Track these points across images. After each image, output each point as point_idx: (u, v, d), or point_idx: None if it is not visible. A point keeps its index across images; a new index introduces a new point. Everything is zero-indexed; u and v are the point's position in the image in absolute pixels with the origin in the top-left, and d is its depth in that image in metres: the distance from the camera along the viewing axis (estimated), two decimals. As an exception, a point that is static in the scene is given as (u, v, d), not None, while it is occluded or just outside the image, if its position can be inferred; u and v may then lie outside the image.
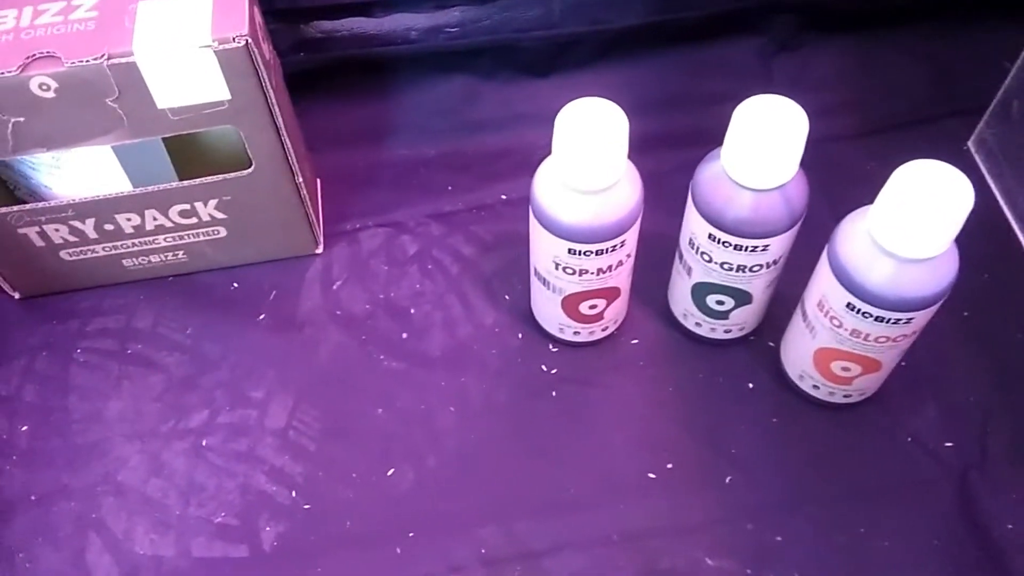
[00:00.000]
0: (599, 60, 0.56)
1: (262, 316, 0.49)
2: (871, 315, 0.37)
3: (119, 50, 0.38)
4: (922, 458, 0.43)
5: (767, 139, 0.36)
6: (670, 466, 0.43)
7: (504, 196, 0.53)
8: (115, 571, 0.41)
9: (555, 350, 0.47)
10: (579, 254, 0.40)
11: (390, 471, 0.44)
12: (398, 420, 0.45)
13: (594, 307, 0.44)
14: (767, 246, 0.39)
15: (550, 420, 0.45)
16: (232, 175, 0.44)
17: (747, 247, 0.39)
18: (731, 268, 0.41)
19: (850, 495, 0.42)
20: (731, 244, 0.39)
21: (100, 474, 0.44)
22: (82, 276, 0.49)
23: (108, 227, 0.46)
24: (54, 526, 0.43)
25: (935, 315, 0.38)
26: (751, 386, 0.46)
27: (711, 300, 0.44)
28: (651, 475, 0.43)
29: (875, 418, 0.44)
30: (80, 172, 0.44)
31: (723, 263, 0.41)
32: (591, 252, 0.40)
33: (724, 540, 0.41)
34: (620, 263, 0.41)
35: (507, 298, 0.49)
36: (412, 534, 0.42)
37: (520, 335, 0.48)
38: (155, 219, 0.46)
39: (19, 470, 0.44)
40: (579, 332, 0.46)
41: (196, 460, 0.44)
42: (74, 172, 0.44)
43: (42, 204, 0.44)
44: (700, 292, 0.44)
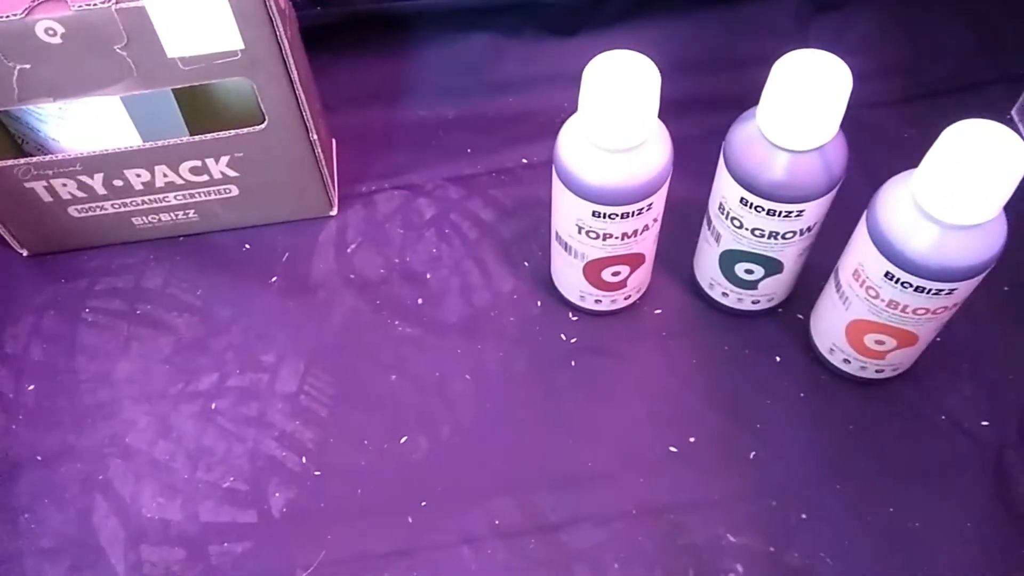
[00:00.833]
0: (626, 19, 0.54)
1: (274, 279, 0.48)
2: (911, 285, 0.35)
3: (128, -6, 0.36)
4: (956, 437, 0.42)
5: (807, 96, 0.34)
6: (692, 440, 0.42)
7: (525, 160, 0.52)
8: (121, 533, 0.41)
9: (575, 319, 0.46)
10: (604, 217, 0.38)
11: (403, 439, 0.43)
12: (412, 387, 0.44)
13: (617, 274, 0.42)
14: (802, 211, 0.38)
15: (568, 391, 0.44)
16: (244, 130, 0.43)
17: (781, 212, 0.38)
18: (762, 235, 0.39)
19: (880, 473, 0.41)
20: (764, 209, 0.38)
21: (107, 436, 0.43)
22: (91, 234, 0.48)
23: (117, 183, 0.45)
24: (60, 487, 0.42)
25: (974, 289, 0.36)
26: (778, 359, 0.44)
27: (740, 269, 0.42)
28: (672, 448, 0.42)
29: (907, 394, 0.43)
30: (89, 124, 0.43)
31: (754, 229, 0.39)
32: (616, 215, 0.38)
33: (747, 517, 0.40)
34: (646, 227, 0.40)
35: (526, 265, 0.48)
36: (424, 503, 0.41)
37: (539, 303, 0.46)
38: (165, 176, 0.45)
39: (25, 430, 0.44)
40: (600, 300, 0.44)
41: (205, 424, 0.43)
42: (82, 124, 0.43)
43: (49, 157, 0.43)
44: (728, 260, 0.42)
